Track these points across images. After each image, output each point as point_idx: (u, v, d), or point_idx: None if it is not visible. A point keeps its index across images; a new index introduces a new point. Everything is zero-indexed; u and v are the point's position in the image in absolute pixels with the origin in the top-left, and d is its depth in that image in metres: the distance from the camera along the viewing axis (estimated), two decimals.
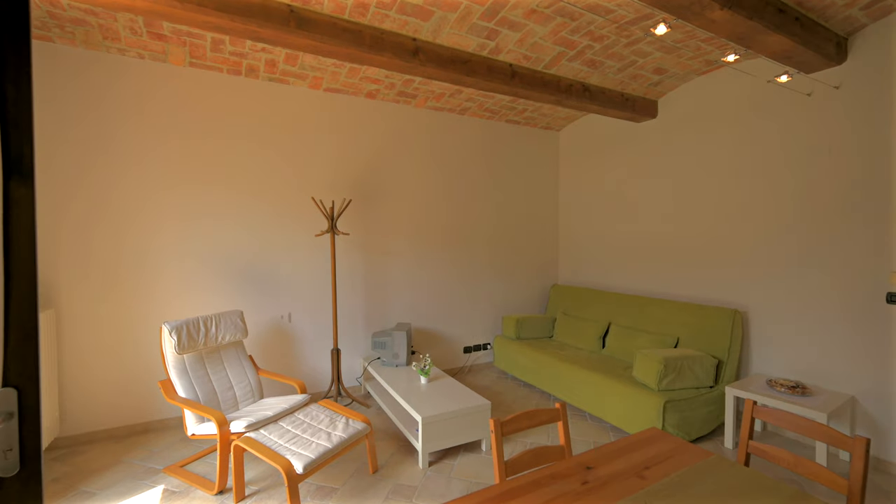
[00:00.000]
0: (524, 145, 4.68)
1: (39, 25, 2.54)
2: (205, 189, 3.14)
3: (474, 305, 4.40)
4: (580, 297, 4.38)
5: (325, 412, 2.53)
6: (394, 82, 3.50)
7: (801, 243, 2.84)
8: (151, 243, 2.98)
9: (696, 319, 3.25)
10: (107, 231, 2.85)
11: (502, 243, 4.56)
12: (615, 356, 3.62)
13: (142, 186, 2.95)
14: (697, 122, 3.45)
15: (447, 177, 4.20)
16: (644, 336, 3.47)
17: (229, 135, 3.21)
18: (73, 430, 2.78)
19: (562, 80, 3.22)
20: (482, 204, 4.42)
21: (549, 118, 4.52)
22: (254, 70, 3.17)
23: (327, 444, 2.19)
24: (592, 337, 3.87)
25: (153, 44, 2.78)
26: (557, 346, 4.01)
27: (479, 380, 4.11)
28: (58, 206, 2.73)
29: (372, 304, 3.83)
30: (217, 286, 3.18)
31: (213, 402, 2.59)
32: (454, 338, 4.29)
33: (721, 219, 3.30)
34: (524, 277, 4.73)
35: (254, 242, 3.32)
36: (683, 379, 2.83)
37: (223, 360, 2.79)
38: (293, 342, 3.47)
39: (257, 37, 2.25)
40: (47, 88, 2.69)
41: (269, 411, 2.48)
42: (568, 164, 4.81)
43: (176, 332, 2.51)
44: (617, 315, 3.91)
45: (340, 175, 3.66)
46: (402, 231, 3.97)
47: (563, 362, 3.48)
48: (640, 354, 2.94)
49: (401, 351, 3.48)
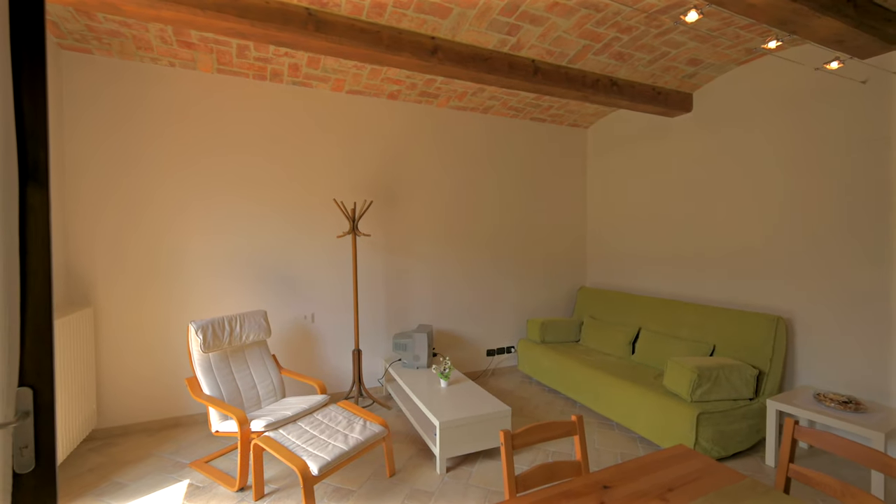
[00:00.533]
0: (550, 143, 4.55)
1: (79, 38, 2.68)
2: (230, 191, 3.22)
3: (498, 308, 4.32)
4: (609, 300, 4.21)
5: (344, 413, 2.53)
6: (415, 83, 3.48)
7: (853, 243, 2.59)
8: (181, 244, 3.09)
9: (734, 326, 3.04)
10: (141, 232, 2.98)
11: (527, 244, 4.45)
12: (645, 363, 3.45)
13: (173, 189, 3.06)
14: (737, 116, 3.23)
15: (470, 176, 4.14)
16: (677, 343, 3.29)
17: (254, 137, 3.29)
18: (109, 422, 2.92)
19: (588, 75, 3.09)
20: (507, 204, 4.33)
21: (577, 115, 4.37)
22: (278, 74, 3.23)
23: (343, 446, 2.18)
24: (621, 342, 3.70)
25: (182, 52, 2.87)
26: (584, 350, 3.86)
27: (502, 384, 4.03)
28: (97, 209, 2.87)
29: (394, 306, 3.83)
30: (243, 286, 3.26)
31: (237, 399, 2.65)
32: (477, 340, 4.23)
33: (762, 218, 3.07)
34: (550, 279, 4.60)
35: (278, 244, 3.38)
36: (719, 389, 2.65)
37: (247, 359, 2.85)
38: (316, 342, 3.52)
39: (277, 41, 2.28)
40: (88, 96, 2.83)
41: (289, 411, 2.51)
42: (597, 161, 4.64)
43: (202, 331, 2.58)
44: (647, 320, 3.73)
45: (362, 176, 3.67)
46: (425, 232, 3.94)
47: (589, 368, 3.34)
48: (672, 362, 2.78)
49: (421, 353, 3.45)
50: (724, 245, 3.34)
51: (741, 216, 3.21)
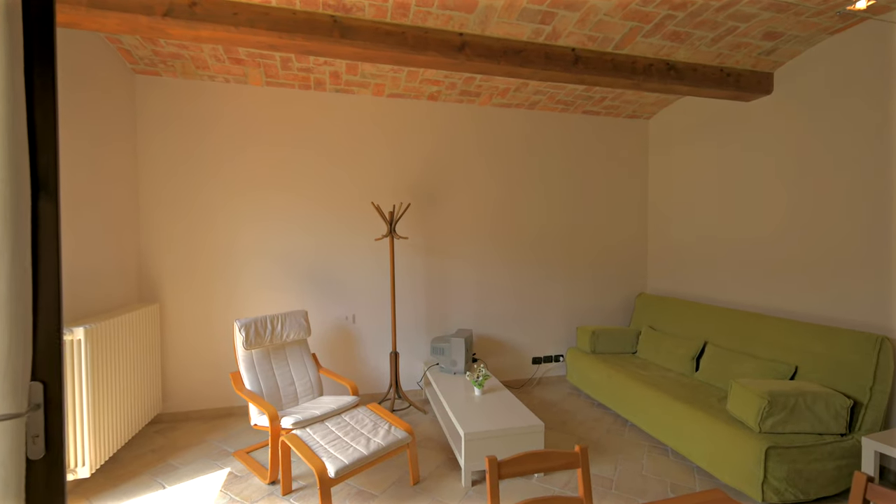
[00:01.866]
0: (606, 138, 4.21)
1: (149, 63, 3.00)
2: (279, 197, 3.40)
3: (546, 313, 4.09)
4: (671, 308, 3.78)
5: (371, 416, 2.54)
6: (454, 82, 3.41)
7: None
8: (236, 247, 3.32)
9: (823, 346, 2.55)
10: (202, 237, 3.25)
11: (579, 246, 4.17)
12: (710, 382, 3.04)
13: (229, 197, 3.30)
14: (829, 96, 2.72)
15: (516, 175, 3.97)
16: (750, 362, 2.85)
17: (301, 145, 3.44)
18: (174, 408, 3.23)
19: (638, 60, 2.79)
20: (557, 203, 4.09)
21: (635, 105, 4.00)
22: (321, 83, 3.35)
23: (364, 450, 2.17)
24: (683, 357, 3.30)
25: (234, 68, 3.09)
26: (640, 364, 3.51)
27: (547, 394, 3.80)
28: (166, 216, 3.18)
29: (435, 308, 3.79)
30: (289, 286, 3.43)
31: (275, 395, 2.78)
32: (522, 347, 4.04)
33: (862, 217, 2.54)
34: (605, 285, 4.26)
35: (322, 246, 3.50)
36: (798, 420, 2.23)
37: (287, 356, 2.98)
38: (357, 343, 3.59)
39: (306, 50, 2.35)
40: (158, 113, 3.16)
41: (318, 410, 2.58)
42: (660, 155, 4.21)
43: (245, 328, 2.75)
44: (715, 333, 3.28)
45: (405, 178, 3.68)
46: (468, 233, 3.86)
47: (641, 384, 3.02)
48: (737, 385, 2.40)
49: (458, 358, 3.37)
50: (812, 248, 2.82)
51: (835, 215, 2.69)
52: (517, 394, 3.81)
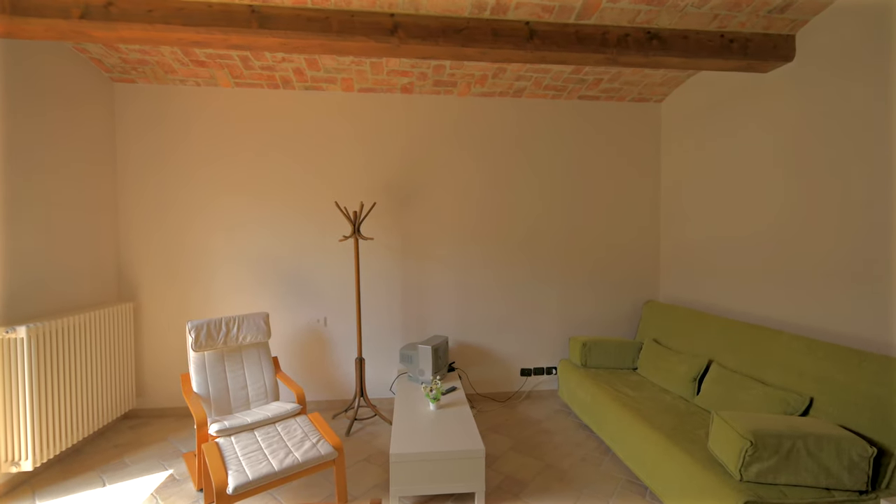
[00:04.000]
0: (608, 125, 3.76)
1: (121, 70, 3.10)
2: (254, 198, 3.39)
3: (539, 321, 3.73)
4: (678, 319, 3.27)
5: (305, 427, 2.39)
6: (424, 72, 3.19)
7: None
8: (211, 248, 3.35)
9: (846, 373, 2.01)
10: (178, 238, 3.32)
11: (579, 246, 3.75)
12: (710, 410, 2.54)
13: (204, 199, 3.34)
14: (866, 58, 2.14)
15: (504, 171, 3.65)
16: (757, 389, 2.34)
17: (272, 145, 3.40)
18: (150, 404, 3.33)
19: (610, 31, 2.39)
20: (551, 200, 3.71)
21: (640, 87, 3.51)
22: (288, 81, 3.28)
23: (274, 466, 2.03)
24: (684, 377, 2.81)
25: (200, 70, 3.11)
26: (634, 383, 3.05)
27: (532, 410, 3.45)
28: (143, 217, 3.29)
29: (413, 313, 3.59)
30: (260, 287, 3.41)
31: (224, 399, 2.74)
32: (509, 357, 3.71)
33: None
34: (611, 290, 3.80)
35: (294, 247, 3.44)
36: (796, 470, 1.75)
37: (243, 360, 2.93)
38: (328, 347, 3.49)
39: (229, 44, 2.26)
40: (136, 119, 3.27)
41: (250, 418, 2.48)
42: (675, 142, 3.67)
43: (195, 330, 2.73)
44: (722, 350, 2.76)
45: (380, 177, 3.52)
46: (450, 234, 3.61)
47: (622, 407, 2.61)
48: (719, 418, 1.95)
49: (426, 367, 3.14)
50: (846, 249, 2.25)
51: (876, 211, 2.11)
52: (499, 409, 3.49)
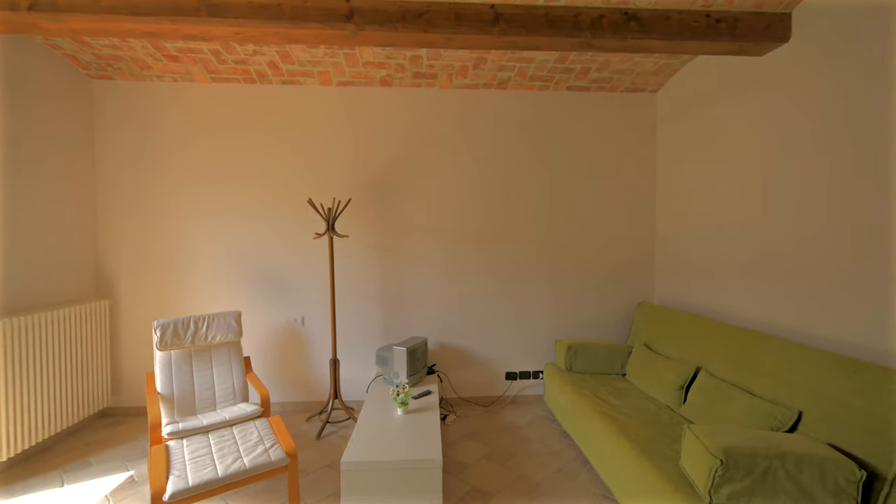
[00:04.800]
0: (599, 118, 3.56)
1: (98, 67, 3.09)
2: (231, 195, 3.34)
3: (526, 323, 3.56)
4: (669, 322, 3.06)
5: (262, 431, 2.31)
6: (402, 63, 3.08)
7: None
8: (189, 246, 3.32)
9: (838, 385, 1.80)
10: (156, 235, 3.30)
11: (569, 244, 3.57)
12: (696, 420, 2.35)
13: (183, 195, 3.30)
14: (876, 32, 1.92)
15: (489, 166, 3.50)
16: (744, 399, 2.14)
17: (252, 142, 3.34)
18: (128, 402, 3.32)
19: (582, 12, 2.22)
20: (540, 195, 3.54)
21: (632, 76, 3.31)
22: (264, 75, 3.22)
23: (219, 472, 1.95)
24: (670, 385, 2.62)
25: (175, 66, 3.07)
26: (618, 390, 2.86)
27: (515, 416, 3.29)
28: (122, 214, 3.28)
29: (393, 314, 3.48)
30: (238, 284, 3.35)
31: (189, 400, 2.68)
32: (494, 360, 3.56)
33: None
34: (603, 291, 3.61)
35: (273, 245, 3.37)
36: (772, 493, 1.56)
37: (212, 359, 2.87)
38: (306, 347, 3.41)
39: (183, 34, 2.19)
40: (114, 117, 3.26)
41: (207, 420, 2.42)
42: (670, 136, 3.45)
43: (161, 329, 2.68)
44: (712, 356, 2.56)
45: (361, 173, 3.42)
46: (432, 233, 3.48)
47: (599, 416, 2.43)
48: (690, 433, 1.77)
49: (401, 370, 3.02)
50: (836, 248, 2.03)
51: (873, 201, 1.89)
52: (481, 413, 3.35)
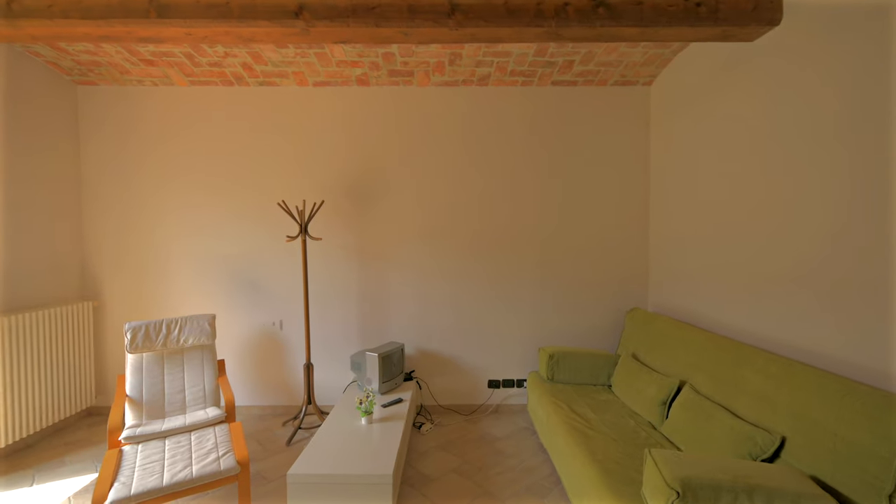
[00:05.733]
0: (588, 113, 3.38)
1: (80, 73, 3.15)
2: (208, 198, 3.34)
3: (510, 329, 3.42)
4: (659, 330, 2.86)
5: (220, 438, 2.28)
6: (375, 61, 3.00)
7: None
8: (169, 248, 3.34)
9: (823, 409, 1.60)
10: (138, 236, 3.34)
11: (559, 248, 3.40)
12: (676, 440, 2.16)
13: (162, 198, 3.33)
14: (865, 16, 1.70)
15: (472, 167, 3.37)
16: (725, 420, 1.94)
17: (231, 143, 3.33)
18: (111, 402, 3.37)
19: (544, 1, 2.07)
20: (525, 196, 3.38)
21: (621, 68, 3.11)
22: (240, 77, 3.20)
23: (164, 480, 1.92)
24: (653, 400, 2.43)
25: (152, 70, 3.09)
26: (600, 403, 2.69)
27: (495, 427, 3.16)
28: (105, 217, 3.33)
29: (372, 318, 3.40)
30: (217, 287, 3.35)
31: (158, 403, 2.68)
32: (477, 367, 3.43)
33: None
34: (594, 296, 3.42)
35: (251, 247, 3.36)
36: None
37: (185, 362, 2.87)
38: (284, 351, 3.38)
39: (137, 37, 2.17)
40: (96, 122, 3.31)
41: (167, 425, 2.40)
42: (664, 131, 3.23)
43: (132, 331, 2.70)
44: (697, 370, 2.36)
45: (339, 174, 3.36)
46: (413, 235, 3.39)
47: (570, 431, 2.28)
48: (651, 458, 1.61)
49: (374, 376, 2.95)
50: (833, 255, 1.81)
51: (877, 204, 1.67)
52: (460, 423, 3.23)
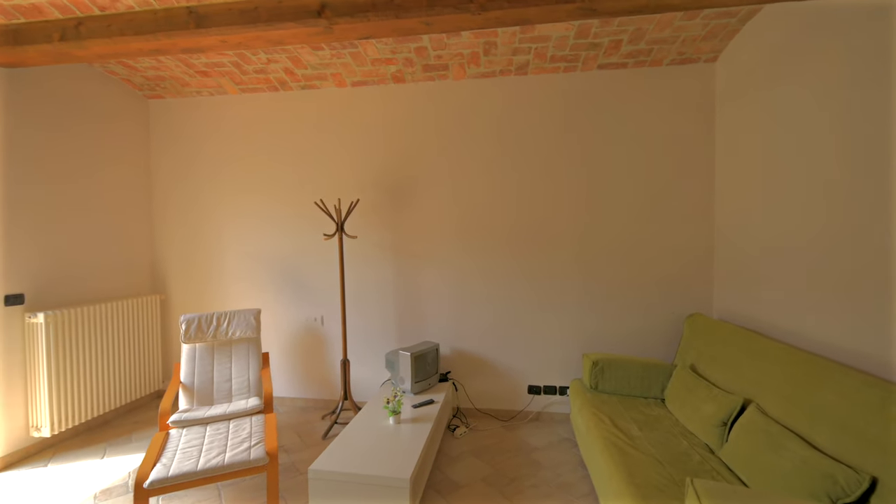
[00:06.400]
0: (642, 97, 3.06)
1: (150, 88, 3.47)
2: (257, 198, 3.53)
3: (554, 332, 3.21)
4: (723, 339, 2.50)
5: (255, 428, 2.37)
6: (408, 57, 2.96)
7: None
8: (225, 246, 3.59)
9: None
10: (200, 238, 3.62)
11: (609, 246, 3.14)
12: (735, 468, 1.86)
13: (221, 201, 3.59)
14: None
15: (511, 162, 3.22)
16: (798, 451, 1.63)
17: (278, 146, 3.49)
18: None
19: None
20: (572, 193, 3.16)
21: (678, 44, 2.78)
22: (283, 82, 3.33)
23: (198, 465, 2.03)
24: (710, 419, 2.12)
25: (207, 80, 3.33)
26: (650, 418, 2.41)
27: (534, 436, 2.97)
28: (177, 221, 3.66)
29: (408, 316, 3.38)
30: (266, 283, 3.53)
31: (207, 390, 2.87)
32: (516, 371, 3.27)
33: None
34: (648, 298, 3.10)
35: (297, 245, 3.49)
36: None
37: (232, 353, 3.05)
38: (325, 346, 3.47)
39: (180, 48, 2.32)
40: (167, 132, 3.65)
41: (211, 412, 2.54)
42: (733, 112, 2.82)
43: (186, 323, 2.92)
44: (765, 387, 2.01)
45: (377, 172, 3.37)
46: (451, 233, 3.31)
47: (609, 448, 2.06)
48: (693, 490, 1.37)
49: (406, 375, 2.91)
50: None
51: None
52: (496, 428, 3.09)
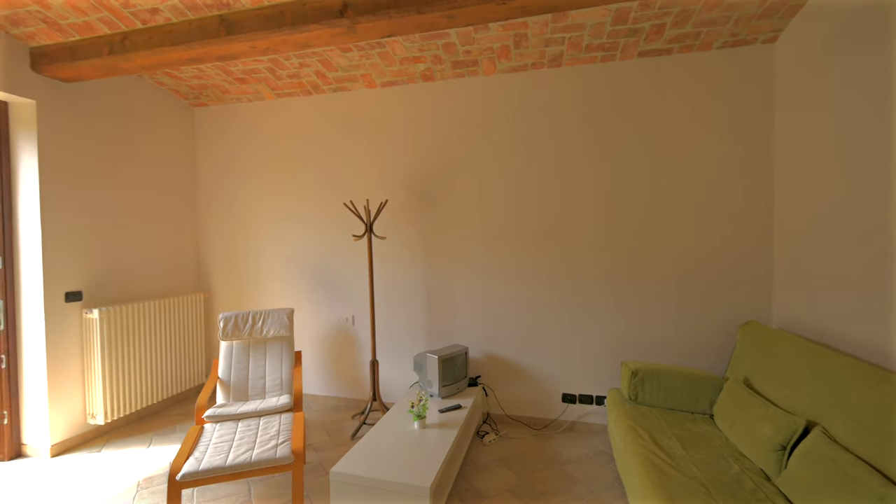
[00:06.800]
0: (689, 86, 2.82)
1: (195, 97, 3.66)
2: (293, 200, 3.62)
3: (591, 338, 3.04)
4: (783, 351, 2.23)
5: (284, 426, 2.41)
6: (437, 54, 2.91)
7: None
8: (264, 247, 3.71)
9: None
10: (241, 238, 3.77)
11: (651, 249, 2.93)
12: (795, 498, 1.64)
13: (258, 204, 3.71)
14: None
15: (545, 160, 3.08)
16: (871, 485, 1.40)
17: (310, 149, 3.56)
18: None
19: None
20: (611, 191, 2.97)
21: (731, 24, 2.53)
22: (316, 86, 3.39)
23: (227, 461, 2.08)
24: (767, 441, 1.90)
25: (245, 87, 3.45)
26: (695, 436, 2.20)
27: (567, 447, 2.82)
28: (219, 223, 3.83)
29: (436, 318, 3.33)
30: (301, 283, 3.61)
31: (242, 386, 2.96)
32: (550, 378, 3.12)
33: None
34: (696, 304, 2.86)
35: (330, 246, 3.54)
36: None
37: (267, 351, 3.14)
38: (356, 345, 3.49)
39: (215, 56, 2.40)
40: (210, 138, 3.83)
41: (243, 408, 2.61)
42: (796, 99, 2.53)
43: (224, 321, 3.03)
44: (832, 409, 1.76)
45: (408, 173, 3.35)
46: (481, 234, 3.22)
47: (647, 468, 1.89)
48: None
49: (434, 378, 2.86)
50: None
51: None
52: (528, 437, 2.96)
